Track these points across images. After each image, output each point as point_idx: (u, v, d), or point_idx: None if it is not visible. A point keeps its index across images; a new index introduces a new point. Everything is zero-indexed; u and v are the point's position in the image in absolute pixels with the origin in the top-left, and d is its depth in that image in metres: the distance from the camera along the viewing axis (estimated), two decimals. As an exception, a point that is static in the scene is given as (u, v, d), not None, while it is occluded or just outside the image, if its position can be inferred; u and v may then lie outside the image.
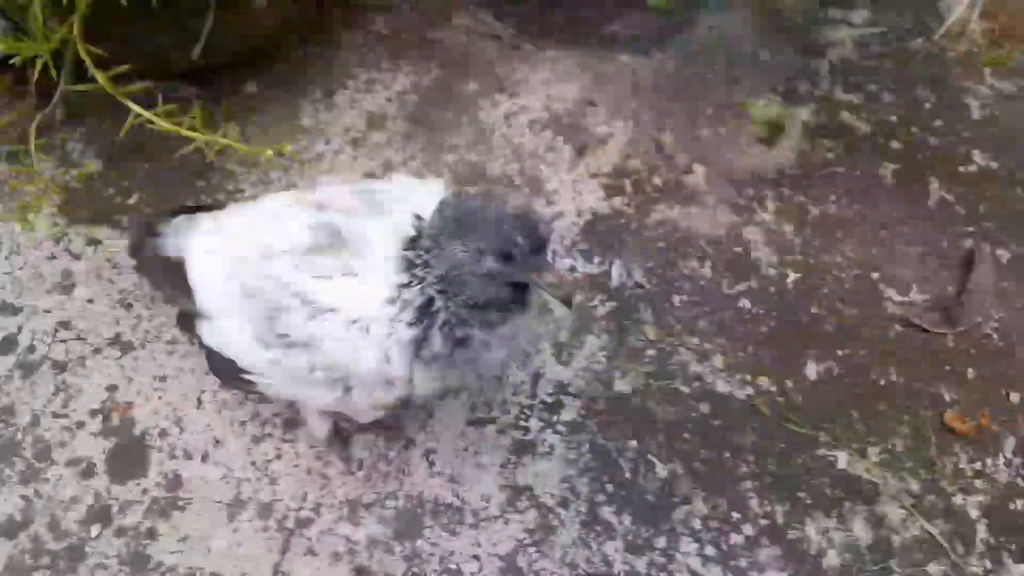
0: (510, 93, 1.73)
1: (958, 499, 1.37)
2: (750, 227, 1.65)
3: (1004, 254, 1.69)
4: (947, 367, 1.52)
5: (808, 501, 1.34)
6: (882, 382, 1.49)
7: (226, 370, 1.07)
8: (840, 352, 1.51)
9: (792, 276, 1.59)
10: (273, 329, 0.96)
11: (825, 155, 1.79)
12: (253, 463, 1.25)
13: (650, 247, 1.58)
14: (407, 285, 0.92)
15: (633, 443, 1.36)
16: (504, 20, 1.83)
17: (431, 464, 1.29)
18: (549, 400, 1.38)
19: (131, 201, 1.45)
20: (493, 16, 1.83)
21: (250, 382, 1.05)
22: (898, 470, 1.39)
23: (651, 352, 1.45)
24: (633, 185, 1.66)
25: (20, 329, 1.29)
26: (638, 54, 1.86)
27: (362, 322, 0.92)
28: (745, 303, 1.54)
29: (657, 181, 1.67)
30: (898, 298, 1.60)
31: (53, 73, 1.26)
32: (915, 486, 1.37)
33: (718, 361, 1.46)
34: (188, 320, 1.09)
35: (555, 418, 1.36)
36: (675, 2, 1.79)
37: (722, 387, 1.44)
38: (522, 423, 1.35)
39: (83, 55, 1.23)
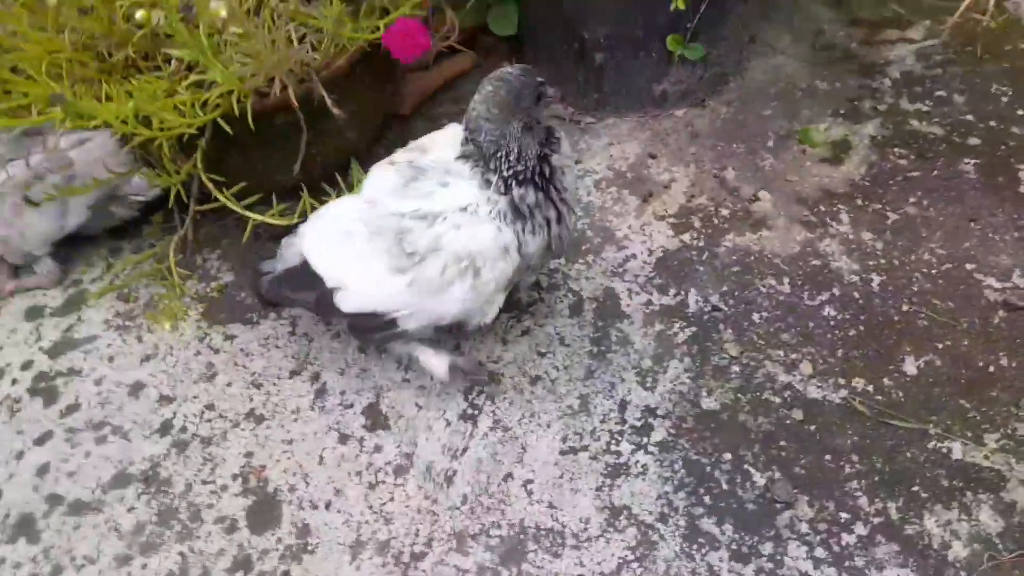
0: (575, 161, 1.88)
1: (1098, 477, 1.26)
2: (826, 240, 1.66)
3: (1115, 226, 1.59)
4: (1065, 345, 1.43)
5: (924, 495, 1.28)
6: (991, 369, 1.42)
7: (367, 328, 1.31)
8: (940, 345, 1.46)
9: (877, 279, 1.58)
10: (403, 251, 1.19)
11: (898, 163, 1.79)
12: (370, 507, 1.37)
13: (724, 273, 1.62)
14: (483, 170, 1.20)
15: (727, 455, 1.37)
16: (563, 102, 2.01)
17: (529, 493, 1.36)
18: (638, 424, 1.42)
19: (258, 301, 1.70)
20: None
21: (391, 324, 1.26)
22: (1023, 455, 1.30)
23: (736, 368, 1.48)
24: (701, 220, 1.73)
25: (175, 414, 1.52)
26: (693, 106, 1.97)
27: (470, 208, 1.19)
28: (829, 311, 1.54)
29: (724, 213, 1.74)
30: (998, 285, 1.54)
31: (184, 199, 1.56)
32: (1046, 468, 1.28)
33: (807, 368, 1.46)
34: (326, 304, 1.29)
35: (645, 440, 1.40)
36: (723, 48, 1.89)
37: (814, 392, 1.43)
38: (613, 448, 1.40)
39: (206, 182, 1.51)
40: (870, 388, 1.42)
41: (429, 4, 1.64)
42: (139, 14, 1.19)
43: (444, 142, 1.29)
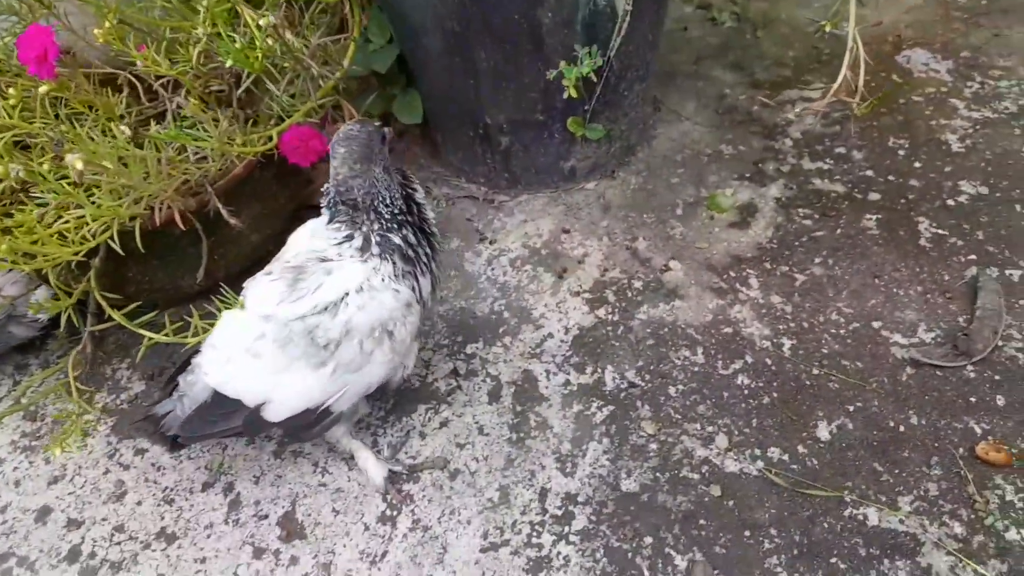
0: (490, 240, 1.89)
1: (1011, 534, 1.26)
2: (736, 306, 1.68)
3: (1014, 273, 1.64)
4: (972, 399, 1.46)
5: (843, 566, 1.28)
6: (902, 428, 1.43)
7: (302, 426, 1.32)
8: (851, 407, 1.48)
9: (788, 343, 1.60)
10: (318, 346, 1.22)
11: (803, 223, 1.83)
12: (286, 626, 1.33)
13: (639, 347, 1.63)
14: (350, 235, 1.27)
15: (648, 539, 1.35)
16: (476, 181, 2.03)
17: (451, 597, 1.33)
18: (559, 512, 1.40)
19: (170, 409, 1.66)
20: (465, 180, 2.04)
21: (324, 413, 1.30)
22: (936, 516, 1.31)
23: (653, 446, 1.47)
24: (615, 293, 1.74)
25: (83, 539, 1.46)
26: (603, 178, 2.00)
27: (364, 285, 1.23)
28: (743, 379, 1.55)
29: (637, 285, 1.75)
30: (905, 341, 1.57)
31: (77, 323, 1.53)
32: (959, 529, 1.29)
33: (723, 441, 1.46)
34: (255, 422, 1.31)
35: (566, 529, 1.38)
36: (626, 123, 1.93)
37: (732, 466, 1.42)
38: (535, 540, 1.37)
39: (100, 302, 1.48)
40: (786, 457, 1.42)
41: (327, 115, 1.65)
42: None
43: (303, 236, 1.34)
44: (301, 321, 1.23)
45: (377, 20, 1.84)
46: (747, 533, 1.34)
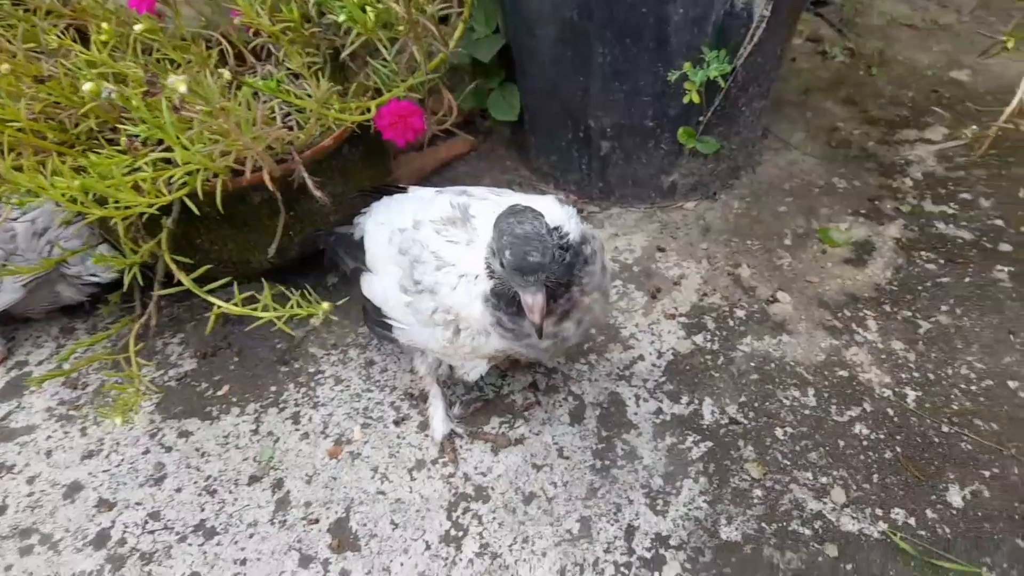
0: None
1: None
2: (852, 348, 1.51)
3: None
4: None
5: (985, 657, 1.08)
6: (1050, 503, 1.24)
7: (374, 316, 1.34)
8: (987, 473, 1.29)
9: (912, 394, 1.42)
10: (412, 276, 1.19)
11: (926, 268, 1.66)
12: (329, 648, 1.16)
13: (741, 381, 1.47)
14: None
15: (751, 599, 1.17)
16: (566, 188, 1.90)
17: (520, 638, 1.15)
18: (647, 555, 1.22)
19: (220, 393, 1.51)
20: (554, 187, 1.91)
21: (389, 326, 1.30)
22: (1096, 608, 1.11)
23: (758, 492, 1.29)
24: (715, 320, 1.58)
25: (113, 523, 1.32)
26: (704, 199, 1.86)
27: (468, 276, 1.13)
28: (861, 428, 1.37)
29: (740, 314, 1.59)
30: (1048, 405, 1.38)
31: (140, 282, 1.40)
32: (1125, 628, 1.09)
33: (839, 495, 1.28)
34: (356, 275, 1.38)
35: (656, 575, 1.20)
36: (737, 142, 1.79)
37: (849, 524, 1.24)
38: (619, 584, 1.20)
39: (170, 264, 1.36)
40: (911, 521, 1.24)
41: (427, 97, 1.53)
42: (87, 86, 1.06)
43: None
44: (421, 248, 1.20)
45: (484, 7, 1.73)
46: (869, 605, 1.15)
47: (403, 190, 1.44)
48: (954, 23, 2.52)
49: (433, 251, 1.18)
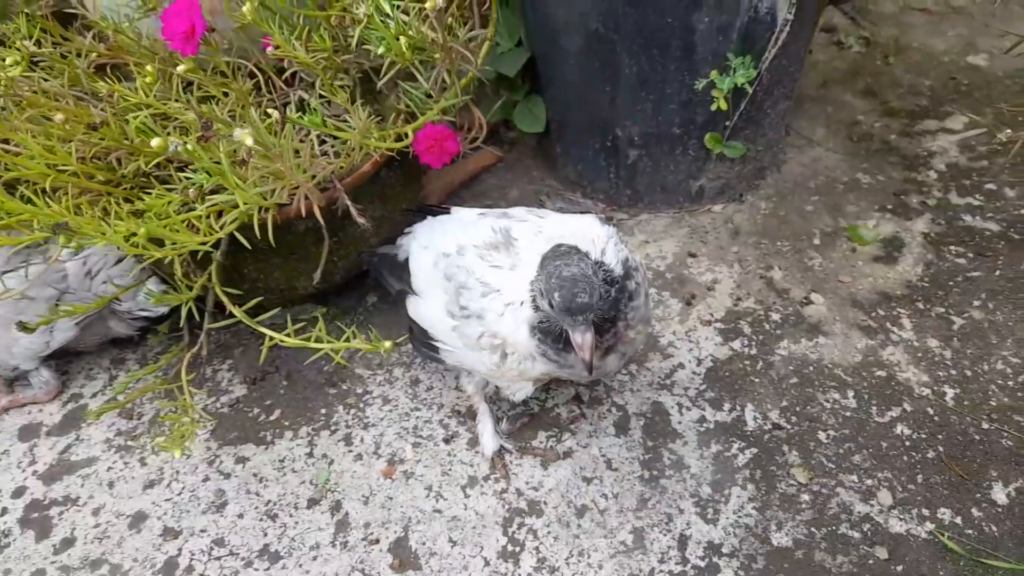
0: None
1: None
2: (889, 348, 1.54)
3: None
4: None
5: (1038, 652, 1.12)
6: (1094, 496, 1.28)
7: (419, 337, 1.38)
8: (1031, 469, 1.32)
9: (950, 392, 1.45)
10: (458, 302, 1.22)
11: (956, 262, 1.69)
12: (399, 666, 1.21)
13: (782, 385, 1.50)
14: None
15: (806, 603, 1.21)
16: (594, 197, 1.92)
17: (583, 649, 1.19)
18: (702, 564, 1.26)
19: (272, 417, 1.55)
20: (582, 195, 1.93)
21: (435, 348, 1.33)
22: None
23: (806, 497, 1.33)
24: (751, 325, 1.61)
25: (180, 551, 1.36)
26: (730, 201, 1.88)
27: (514, 303, 1.15)
28: (903, 429, 1.41)
29: (775, 317, 1.62)
30: (1086, 398, 1.41)
31: (197, 316, 1.44)
32: None
33: (886, 497, 1.31)
34: (402, 296, 1.42)
35: (711, 583, 1.24)
36: (763, 144, 1.81)
37: (897, 526, 1.28)
38: (676, 593, 1.24)
39: (221, 297, 1.39)
40: (958, 520, 1.27)
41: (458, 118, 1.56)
42: (155, 142, 1.09)
43: (566, 227, 1.22)
44: (467, 274, 1.22)
45: (507, 22, 1.75)
46: (921, 605, 1.19)
47: (446, 211, 1.47)
48: (967, 5, 2.51)
49: (478, 278, 1.21)
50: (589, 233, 1.17)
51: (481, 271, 1.21)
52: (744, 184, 1.88)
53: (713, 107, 1.56)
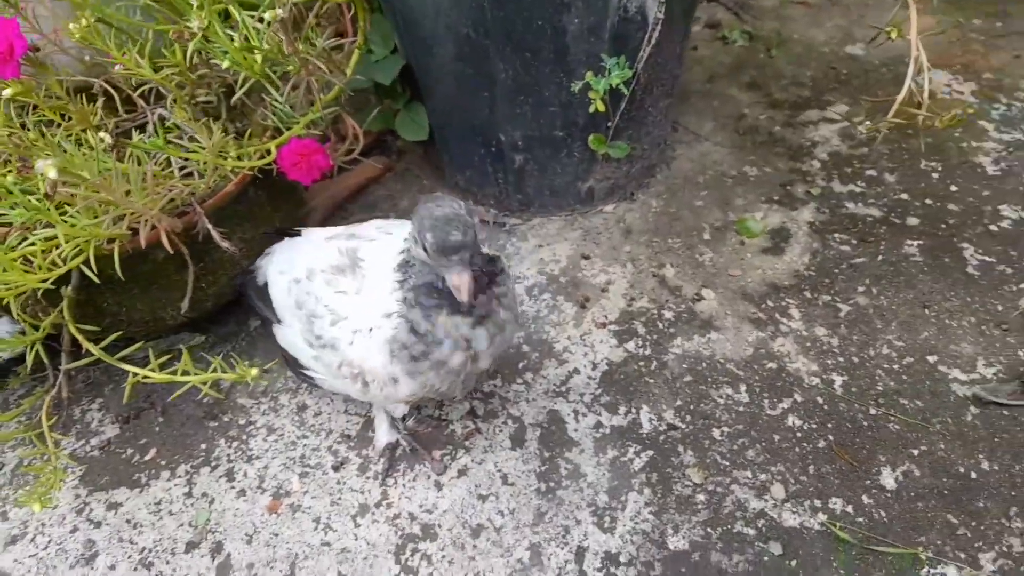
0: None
1: (1113, 595, 1.13)
2: (779, 339, 1.54)
3: (1072, 300, 1.53)
4: (1047, 440, 1.33)
5: (928, 635, 1.13)
6: (973, 475, 1.30)
7: (292, 365, 1.32)
8: (915, 451, 1.34)
9: (839, 380, 1.46)
10: (312, 331, 1.18)
11: (840, 249, 1.71)
12: None
13: (676, 384, 1.48)
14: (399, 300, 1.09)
15: (704, 606, 1.19)
16: (485, 203, 1.88)
17: None
18: (599, 575, 1.23)
19: (147, 457, 1.45)
20: (474, 202, 1.88)
21: (309, 376, 1.28)
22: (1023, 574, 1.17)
23: (701, 497, 1.31)
24: (644, 325, 1.59)
25: (45, 614, 1.26)
26: (622, 201, 1.87)
27: (362, 330, 1.11)
28: (794, 420, 1.41)
29: (668, 315, 1.61)
30: (964, 377, 1.44)
31: (45, 359, 1.34)
32: (1054, 590, 1.15)
33: (779, 491, 1.31)
34: (267, 325, 1.37)
35: (609, 595, 1.21)
36: (648, 142, 1.80)
37: (791, 519, 1.27)
38: (574, 609, 1.20)
39: (76, 335, 1.28)
40: (850, 509, 1.27)
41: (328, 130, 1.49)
42: None
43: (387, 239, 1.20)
44: (315, 301, 1.18)
45: (380, 28, 1.69)
46: (816, 598, 1.18)
47: (298, 232, 1.40)
48: (845, -3, 2.58)
49: (326, 304, 1.17)
50: None
51: (328, 297, 1.17)
52: (634, 183, 1.87)
53: (591, 109, 1.54)
